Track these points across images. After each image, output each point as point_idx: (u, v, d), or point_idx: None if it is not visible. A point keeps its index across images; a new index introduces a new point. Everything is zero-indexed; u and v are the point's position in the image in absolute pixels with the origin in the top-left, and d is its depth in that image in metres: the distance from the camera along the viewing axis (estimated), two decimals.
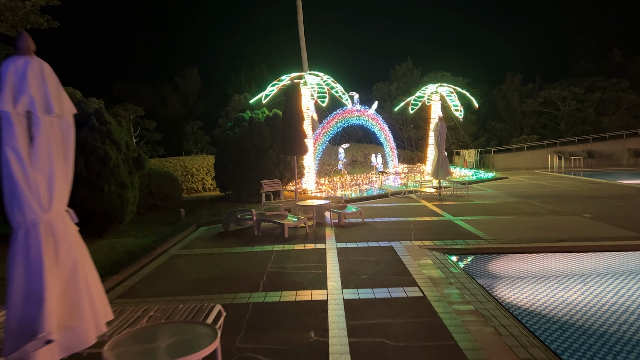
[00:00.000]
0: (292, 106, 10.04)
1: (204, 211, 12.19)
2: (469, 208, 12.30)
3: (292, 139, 10.01)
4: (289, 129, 10.03)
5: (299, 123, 10.08)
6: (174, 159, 16.28)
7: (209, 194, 15.83)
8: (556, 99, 31.23)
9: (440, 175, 14.80)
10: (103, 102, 21.32)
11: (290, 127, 10.02)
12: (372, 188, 17.06)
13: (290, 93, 10.10)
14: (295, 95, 10.10)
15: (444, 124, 15.12)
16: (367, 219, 10.78)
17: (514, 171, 24.88)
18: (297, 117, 10.04)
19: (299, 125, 10.08)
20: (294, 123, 10.01)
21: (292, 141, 10.02)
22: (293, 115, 10.01)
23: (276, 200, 11.28)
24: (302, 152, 10.18)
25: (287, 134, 10.07)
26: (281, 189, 11.46)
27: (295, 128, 10.02)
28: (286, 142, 10.09)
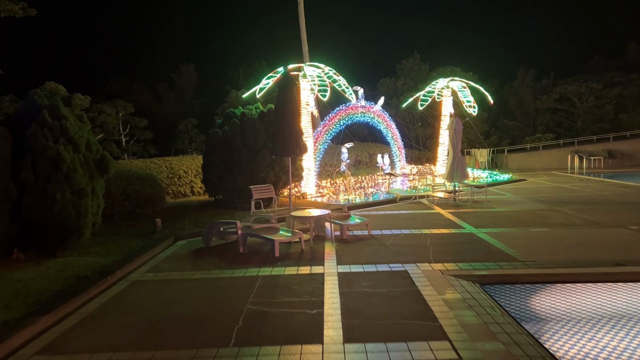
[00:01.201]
0: (286, 99, 8.47)
1: (188, 220, 10.64)
2: (492, 217, 10.69)
3: (285, 138, 8.44)
4: (282, 126, 8.46)
5: (294, 119, 8.51)
6: (160, 160, 14.76)
7: (198, 198, 14.29)
8: (572, 95, 29.48)
9: (456, 178, 13.18)
10: (89, 98, 19.84)
11: (283, 123, 8.45)
12: (379, 192, 15.45)
13: (284, 83, 8.53)
14: (290, 86, 8.53)
15: (460, 121, 13.49)
16: (375, 231, 9.20)
17: (530, 172, 23.21)
18: (293, 111, 8.47)
19: (294, 122, 8.51)
20: (288, 119, 8.44)
21: (286, 140, 8.45)
22: (287, 110, 8.44)
23: (268, 209, 9.72)
24: (299, 152, 8.61)
25: (279, 131, 8.50)
26: (274, 195, 9.89)
27: (290, 124, 8.46)
28: (279, 140, 8.52)
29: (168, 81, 31.48)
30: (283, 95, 8.49)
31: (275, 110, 8.65)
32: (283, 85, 8.50)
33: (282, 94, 8.50)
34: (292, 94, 8.51)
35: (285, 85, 8.49)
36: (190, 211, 11.97)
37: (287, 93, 8.46)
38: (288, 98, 8.45)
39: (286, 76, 8.53)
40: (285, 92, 8.47)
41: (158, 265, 7.28)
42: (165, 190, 14.08)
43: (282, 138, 8.45)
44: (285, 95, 8.47)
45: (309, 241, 8.23)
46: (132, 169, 13.05)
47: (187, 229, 9.67)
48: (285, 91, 8.48)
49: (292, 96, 8.51)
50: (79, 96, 19.32)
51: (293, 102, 8.49)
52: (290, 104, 8.45)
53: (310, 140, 14.87)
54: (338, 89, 15.18)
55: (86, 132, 8.21)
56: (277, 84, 8.57)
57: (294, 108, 8.49)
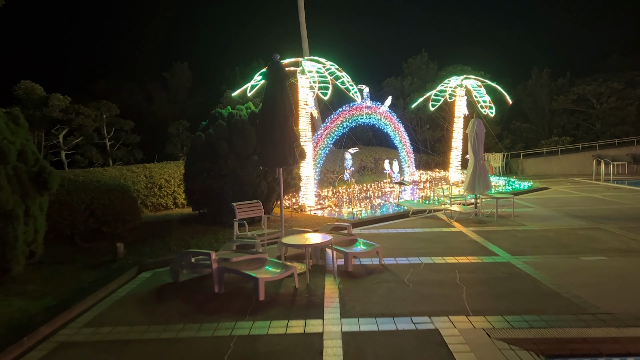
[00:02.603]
0: (276, 94, 6.70)
1: (161, 241, 8.88)
2: (526, 238, 8.87)
3: (275, 144, 6.66)
4: (272, 129, 6.68)
5: (286, 120, 6.73)
6: (139, 167, 13.00)
7: (181, 211, 12.53)
8: (591, 95, 27.62)
9: (478, 189, 11.37)
10: (69, 99, 18.14)
11: (273, 125, 6.68)
12: (387, 203, 13.65)
13: (274, 74, 6.76)
14: (281, 78, 6.76)
15: (482, 123, 11.69)
16: (387, 259, 7.41)
17: (549, 179, 21.36)
18: (285, 110, 6.70)
19: (286, 123, 6.73)
20: (279, 119, 6.67)
21: (276, 146, 6.67)
22: (278, 108, 6.66)
23: (255, 231, 7.91)
24: (292, 161, 6.82)
25: (268, 135, 6.72)
26: (263, 214, 8.07)
27: (282, 127, 6.68)
28: (267, 147, 6.74)
29: (160, 81, 29.83)
30: (272, 89, 6.72)
31: (263, 109, 6.88)
32: (272, 77, 6.73)
33: (271, 87, 6.73)
34: (284, 89, 6.73)
35: (275, 76, 6.71)
36: (168, 229, 10.20)
37: (277, 87, 6.69)
38: (279, 93, 6.68)
39: (276, 65, 6.75)
40: (274, 86, 6.70)
41: (104, 313, 5.50)
42: (143, 203, 12.33)
43: (271, 144, 6.67)
44: (274, 89, 6.69)
45: (304, 274, 6.43)
46: (103, 178, 11.31)
47: (156, 255, 7.89)
48: (274, 84, 6.70)
49: (284, 91, 6.73)
50: (57, 96, 17.62)
51: (285, 98, 6.71)
52: (281, 100, 6.67)
53: (310, 145, 13.10)
54: (341, 86, 13.41)
55: (22, 137, 6.45)
56: (265, 75, 6.81)
57: (287, 106, 6.71)
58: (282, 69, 6.76)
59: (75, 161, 17.78)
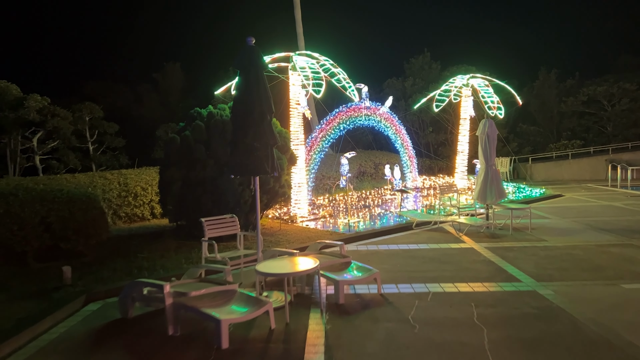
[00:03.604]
0: (250, 85, 5.46)
1: (124, 262, 7.63)
2: (550, 258, 7.59)
3: (248, 147, 5.41)
4: (244, 128, 5.43)
5: (262, 117, 5.48)
6: (113, 173, 11.76)
7: (159, 223, 11.26)
8: (602, 97, 26.32)
9: (490, 198, 10.10)
10: (48, 99, 16.94)
11: (245, 124, 5.43)
12: (388, 213, 12.38)
13: (247, 61, 5.50)
14: (256, 66, 5.51)
15: (494, 124, 10.44)
16: (388, 286, 6.15)
17: (560, 185, 20.06)
18: (261, 105, 5.45)
19: (263, 122, 5.48)
20: (253, 117, 5.42)
21: (250, 150, 5.42)
22: (252, 103, 5.42)
23: (228, 252, 6.61)
24: (270, 168, 5.56)
25: (239, 136, 5.47)
26: (239, 232, 6.78)
27: (257, 126, 5.43)
28: (238, 150, 5.48)
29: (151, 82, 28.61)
30: (245, 80, 5.47)
31: (234, 106, 5.63)
32: (246, 65, 5.47)
33: (244, 78, 5.48)
34: (260, 80, 5.48)
35: (249, 65, 5.46)
36: (136, 245, 8.94)
37: (251, 77, 5.44)
38: (253, 85, 5.43)
39: (250, 51, 5.49)
40: (248, 76, 5.45)
41: None
42: (116, 213, 11.09)
43: (243, 148, 5.42)
44: (248, 80, 5.44)
45: (284, 308, 5.15)
46: (69, 186, 10.07)
47: (111, 280, 6.63)
48: (248, 74, 5.45)
49: (261, 82, 5.48)
50: (34, 97, 16.42)
51: (262, 91, 5.46)
52: (257, 94, 5.43)
53: (302, 149, 11.86)
54: (337, 84, 12.16)
55: None
56: (237, 62, 5.57)
57: (264, 101, 5.46)
58: (258, 56, 5.50)
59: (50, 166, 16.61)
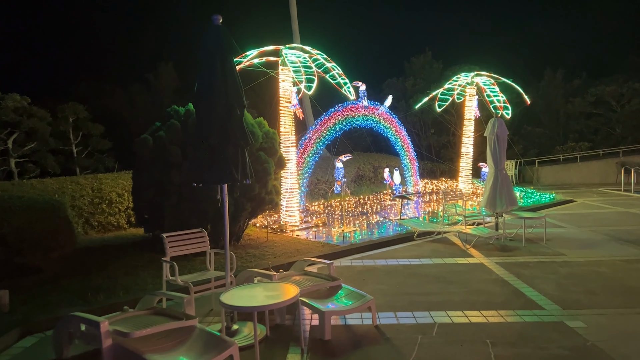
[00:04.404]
0: (213, 74, 4.47)
1: (81, 283, 6.64)
2: (573, 277, 6.57)
3: (213, 148, 4.42)
4: (206, 126, 4.44)
5: (230, 113, 4.49)
6: (87, 178, 10.77)
7: (135, 232, 10.25)
8: (610, 97, 25.29)
9: (500, 205, 9.09)
10: (29, 99, 15.99)
11: (208, 120, 4.44)
12: (387, 221, 11.37)
13: (211, 44, 4.51)
14: (223, 50, 4.52)
15: (504, 123, 9.45)
16: (385, 315, 5.15)
17: (570, 189, 19.03)
18: (227, 97, 4.46)
19: (230, 118, 4.49)
20: (217, 112, 4.43)
21: (215, 152, 4.43)
22: (216, 95, 4.43)
23: (193, 274, 5.55)
24: (241, 175, 4.57)
25: (201, 136, 4.48)
26: (209, 249, 5.74)
27: (223, 123, 4.45)
28: (199, 153, 4.49)
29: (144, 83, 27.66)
30: (209, 67, 4.47)
31: (194, 100, 4.64)
32: (210, 50, 4.48)
33: (208, 65, 4.48)
34: (227, 66, 4.50)
35: (214, 49, 4.47)
36: (104, 259, 7.93)
37: (216, 64, 4.45)
38: (219, 73, 4.44)
39: (215, 33, 4.50)
40: (213, 63, 4.46)
41: None
42: (88, 222, 10.10)
43: (206, 150, 4.42)
44: (212, 67, 4.45)
45: (254, 347, 4.14)
46: (32, 192, 9.10)
47: (60, 305, 5.63)
48: (213, 60, 4.46)
49: (228, 70, 4.49)
50: (13, 97, 15.46)
51: (229, 80, 4.47)
52: (223, 84, 4.44)
53: (293, 151, 10.86)
54: (331, 81, 11.18)
55: None
56: (200, 47, 4.59)
57: (232, 92, 4.48)
58: (226, 38, 4.51)
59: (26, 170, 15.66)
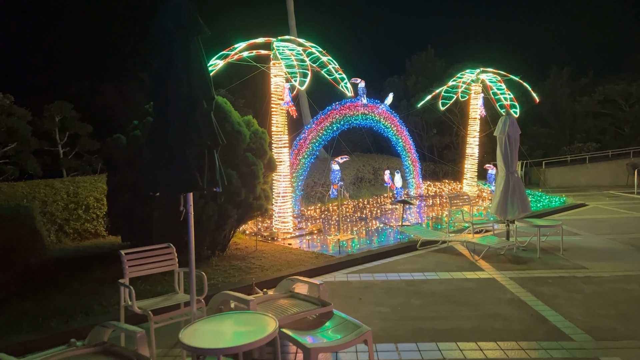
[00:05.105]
0: (174, 59, 3.65)
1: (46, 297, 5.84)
2: (601, 297, 5.74)
3: (171, 150, 3.60)
4: (164, 124, 3.63)
5: (194, 106, 3.67)
6: (64, 181, 9.96)
7: (113, 240, 9.42)
8: (619, 96, 24.45)
9: (512, 212, 8.26)
10: (11, 97, 15.22)
11: (167, 116, 3.63)
12: (388, 228, 10.55)
13: (173, 20, 3.69)
14: (185, 29, 3.70)
15: (516, 122, 8.62)
16: (383, 348, 4.33)
17: (579, 192, 18.19)
18: (191, 86, 3.64)
19: (193, 112, 3.67)
20: (177, 105, 3.61)
21: (174, 155, 3.61)
22: (177, 84, 3.61)
23: (156, 298, 4.67)
24: (205, 182, 3.75)
25: (157, 137, 3.67)
26: (177, 268, 4.88)
27: (184, 118, 3.63)
28: (156, 157, 3.67)
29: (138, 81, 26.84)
30: (170, 49, 3.66)
31: (152, 89, 3.82)
32: (171, 29, 3.66)
33: (169, 47, 3.66)
34: (191, 49, 3.68)
35: (177, 26, 3.65)
36: (72, 273, 7.12)
37: (178, 45, 3.63)
38: (180, 58, 3.63)
39: (176, 10, 3.67)
40: (173, 44, 3.64)
41: None
42: (62, 229, 9.29)
43: (164, 153, 3.60)
44: (173, 49, 3.63)
45: None
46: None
47: (2, 334, 4.81)
48: (173, 41, 3.64)
49: (193, 53, 3.67)
50: None
51: (193, 65, 3.66)
52: (185, 68, 3.63)
53: (286, 152, 10.05)
54: (328, 77, 10.37)
55: None
56: (158, 26, 3.80)
57: (197, 80, 3.66)
58: (189, 14, 3.69)
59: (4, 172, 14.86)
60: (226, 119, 7.72)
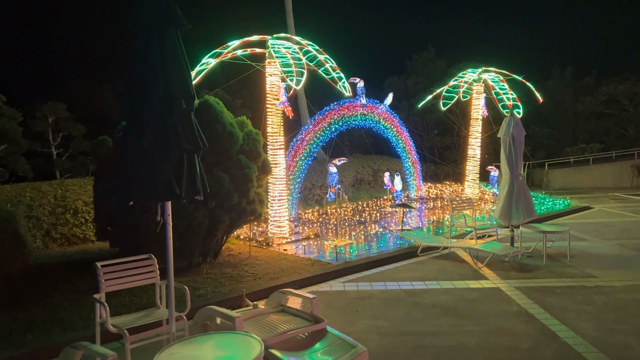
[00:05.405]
0: (150, 54, 3.31)
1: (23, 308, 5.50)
2: (615, 310, 5.39)
3: (144, 154, 3.26)
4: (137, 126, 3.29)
5: (172, 106, 3.33)
6: (52, 184, 9.63)
7: (102, 246, 9.08)
8: (623, 96, 24.09)
9: (517, 217, 7.92)
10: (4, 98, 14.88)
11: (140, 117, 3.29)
12: (387, 232, 10.21)
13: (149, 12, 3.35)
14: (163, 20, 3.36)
15: (520, 122, 8.28)
16: None
17: (583, 194, 17.84)
18: (168, 83, 3.30)
19: (172, 112, 3.33)
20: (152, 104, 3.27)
21: (147, 159, 3.27)
22: (151, 82, 3.27)
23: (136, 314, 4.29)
24: (182, 189, 3.41)
25: (129, 139, 3.33)
26: (158, 281, 4.53)
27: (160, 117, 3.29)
28: (129, 160, 3.34)
29: None
30: (145, 44, 3.32)
31: (126, 88, 3.49)
32: (147, 20, 3.33)
33: (144, 42, 3.33)
34: (169, 43, 3.34)
35: (152, 19, 3.31)
36: (55, 281, 6.77)
37: (153, 39, 3.30)
38: (156, 51, 3.29)
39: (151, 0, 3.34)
40: (148, 38, 3.30)
41: None
42: (49, 234, 8.95)
43: (136, 157, 3.27)
44: (148, 44, 3.30)
45: None
46: None
47: None
48: (148, 35, 3.31)
49: (169, 48, 3.34)
50: None
51: (169, 61, 3.32)
52: (161, 65, 3.29)
53: (282, 154, 9.70)
54: (325, 76, 10.03)
55: None
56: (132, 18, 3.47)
57: (174, 77, 3.33)
58: (166, 3, 3.35)
59: None
60: (217, 119, 7.38)
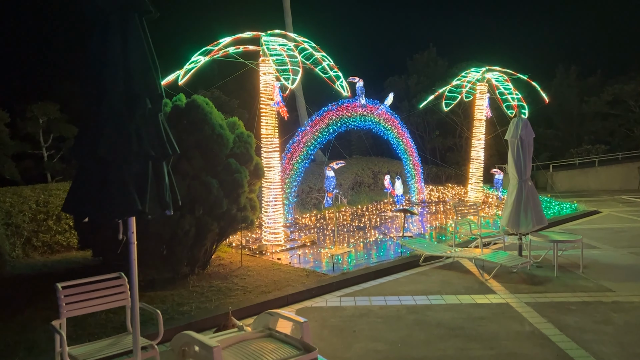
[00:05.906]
0: (111, 45, 2.82)
1: None
2: (633, 329, 4.91)
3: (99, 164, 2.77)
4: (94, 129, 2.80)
5: (133, 105, 2.84)
6: (35, 189, 9.15)
7: (85, 254, 8.59)
8: (629, 96, 23.55)
9: (525, 225, 7.43)
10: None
11: (95, 116, 2.80)
12: (388, 239, 9.72)
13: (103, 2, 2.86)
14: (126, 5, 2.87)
15: (529, 123, 7.79)
16: None
17: (590, 197, 17.32)
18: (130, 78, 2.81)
19: (134, 113, 2.84)
20: (111, 104, 2.78)
21: (102, 170, 2.78)
22: (109, 75, 2.78)
23: (105, 341, 3.80)
24: (147, 206, 2.92)
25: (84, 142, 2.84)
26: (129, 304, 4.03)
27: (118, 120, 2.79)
28: (84, 171, 2.85)
29: None
30: (103, 34, 2.84)
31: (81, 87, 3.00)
32: (105, 5, 2.84)
33: (102, 32, 2.84)
34: (133, 32, 2.86)
35: (111, 4, 2.83)
36: (27, 295, 6.29)
37: (112, 28, 2.81)
38: (117, 42, 2.81)
39: None
40: (107, 28, 2.82)
41: None
42: (30, 242, 8.46)
43: (93, 165, 2.78)
44: (106, 34, 2.82)
45: None
46: None
47: None
48: (108, 23, 2.83)
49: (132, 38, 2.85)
50: None
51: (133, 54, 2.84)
52: (122, 58, 2.80)
53: (277, 157, 9.22)
54: (322, 75, 9.54)
55: None
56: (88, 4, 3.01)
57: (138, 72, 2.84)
58: None
59: None
60: (205, 121, 6.90)
